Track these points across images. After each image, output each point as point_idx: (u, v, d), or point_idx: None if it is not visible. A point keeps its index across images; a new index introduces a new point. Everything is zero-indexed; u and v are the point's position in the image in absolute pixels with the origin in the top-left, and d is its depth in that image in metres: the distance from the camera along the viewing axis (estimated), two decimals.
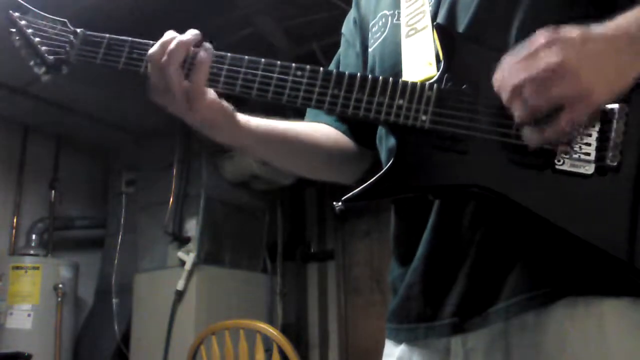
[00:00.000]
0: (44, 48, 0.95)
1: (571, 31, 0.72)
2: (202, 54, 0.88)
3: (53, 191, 4.31)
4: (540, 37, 0.72)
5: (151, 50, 0.89)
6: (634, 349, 0.75)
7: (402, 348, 0.94)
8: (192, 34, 0.90)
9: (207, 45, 0.90)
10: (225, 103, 0.93)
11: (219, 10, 3.10)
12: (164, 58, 0.87)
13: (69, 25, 0.97)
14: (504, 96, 0.74)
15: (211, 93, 0.91)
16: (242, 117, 0.97)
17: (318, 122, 1.10)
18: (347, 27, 1.17)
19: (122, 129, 4.23)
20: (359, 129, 1.07)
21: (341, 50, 1.17)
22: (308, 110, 1.13)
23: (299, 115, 1.10)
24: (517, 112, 0.74)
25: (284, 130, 1.03)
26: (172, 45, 0.88)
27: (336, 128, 1.09)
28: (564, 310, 0.77)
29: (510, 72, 0.73)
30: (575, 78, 0.70)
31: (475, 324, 0.83)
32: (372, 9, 1.10)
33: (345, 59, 1.14)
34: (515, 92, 0.73)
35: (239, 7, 3.15)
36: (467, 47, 0.84)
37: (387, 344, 0.98)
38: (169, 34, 0.90)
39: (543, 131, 0.73)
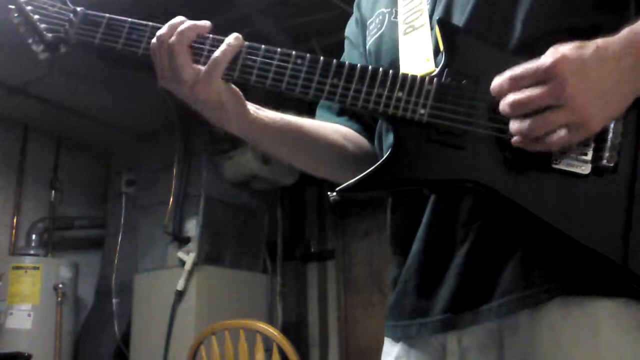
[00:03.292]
0: (42, 26, 0.93)
1: (578, 52, 0.72)
2: (232, 39, 0.88)
3: (53, 191, 4.31)
4: (548, 57, 0.72)
5: (160, 31, 0.89)
6: (626, 349, 0.75)
7: (399, 346, 0.94)
8: (203, 22, 0.90)
9: (236, 34, 0.88)
10: (235, 89, 0.92)
11: (219, 10, 3.10)
12: (173, 38, 0.87)
13: (69, 3, 0.96)
14: (503, 107, 0.76)
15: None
16: (253, 108, 0.96)
17: (330, 122, 1.09)
18: (350, 29, 1.17)
19: (122, 129, 4.23)
20: (372, 127, 1.07)
21: (345, 53, 1.17)
22: (318, 111, 1.13)
23: (299, 108, 1.09)
24: (513, 127, 0.75)
25: (298, 126, 1.02)
26: (182, 26, 0.88)
27: (349, 127, 1.09)
28: (557, 309, 0.77)
29: (512, 85, 0.75)
30: (576, 109, 0.72)
31: (467, 320, 0.83)
32: (370, 8, 1.10)
33: (350, 61, 1.13)
34: (514, 109, 0.74)
35: (239, 7, 3.15)
36: (469, 43, 0.84)
37: (385, 342, 0.98)
38: (179, 18, 0.90)
39: (535, 145, 0.75)
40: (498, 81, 0.77)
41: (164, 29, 0.88)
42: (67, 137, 4.43)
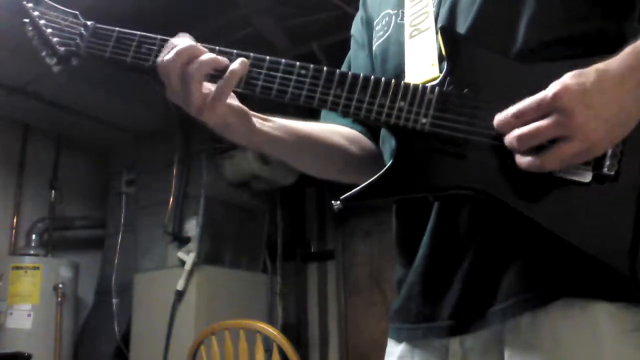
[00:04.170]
0: (55, 39, 0.96)
1: (579, 81, 0.72)
2: (237, 66, 0.86)
3: (53, 191, 4.31)
4: (550, 89, 0.72)
5: (176, 53, 0.86)
6: (627, 352, 0.75)
7: (402, 347, 0.95)
8: (222, 58, 0.88)
9: (243, 58, 0.88)
10: (240, 108, 0.93)
11: (219, 10, 3.10)
12: (193, 66, 0.85)
13: (80, 17, 0.98)
14: (510, 142, 0.76)
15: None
16: (258, 117, 0.97)
17: (335, 124, 1.10)
18: (356, 28, 1.17)
19: (122, 129, 4.23)
20: (376, 129, 1.07)
21: (351, 52, 1.17)
22: (322, 113, 1.13)
23: (301, 113, 1.10)
24: (522, 162, 0.75)
25: (303, 132, 1.03)
26: (204, 57, 0.86)
27: (353, 129, 1.09)
28: (559, 311, 0.77)
29: (517, 120, 0.75)
30: (584, 137, 0.72)
31: (474, 326, 0.83)
32: (376, 8, 1.10)
33: (356, 61, 1.14)
34: (521, 143, 0.74)
35: (239, 7, 3.15)
36: (471, 51, 0.84)
37: (389, 342, 0.99)
38: (188, 42, 0.88)
39: (542, 167, 0.75)
40: (502, 117, 0.77)
41: (180, 51, 0.86)
42: (67, 137, 4.43)
